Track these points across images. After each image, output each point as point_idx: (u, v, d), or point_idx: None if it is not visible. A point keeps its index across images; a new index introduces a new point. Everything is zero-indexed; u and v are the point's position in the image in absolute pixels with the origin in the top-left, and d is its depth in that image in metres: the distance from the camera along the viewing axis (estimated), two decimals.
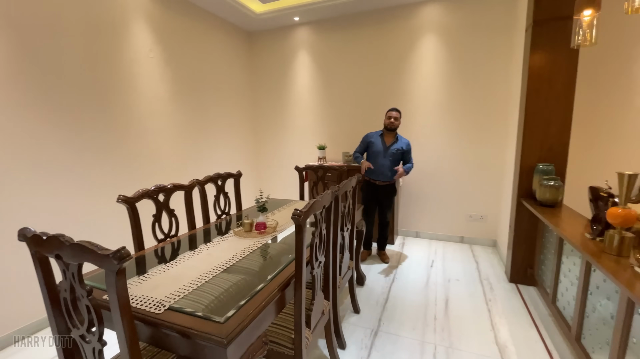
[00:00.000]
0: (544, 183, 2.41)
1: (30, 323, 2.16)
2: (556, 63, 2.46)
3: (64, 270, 0.98)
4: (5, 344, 2.04)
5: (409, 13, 3.66)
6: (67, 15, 2.32)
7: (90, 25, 2.48)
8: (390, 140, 3.02)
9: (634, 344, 1.31)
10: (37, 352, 2.01)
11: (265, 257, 1.65)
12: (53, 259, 0.99)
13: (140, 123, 2.93)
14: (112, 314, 0.91)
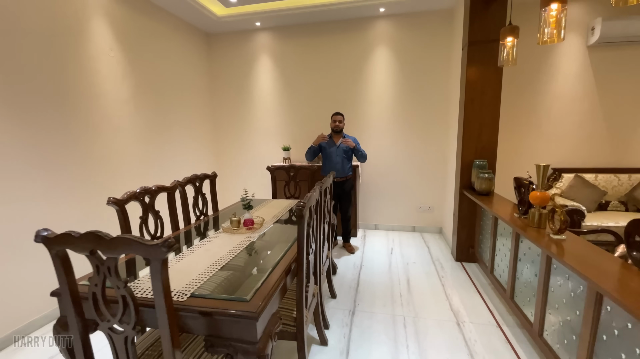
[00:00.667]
0: (480, 176, 2.92)
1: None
2: (486, 77, 3.00)
3: (97, 265, 1.05)
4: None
5: (364, 25, 4.03)
6: (27, 12, 2.17)
7: (50, 22, 2.34)
8: (339, 139, 3.39)
9: (552, 293, 1.76)
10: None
11: (261, 250, 1.80)
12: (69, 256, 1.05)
13: (101, 122, 2.80)
14: (156, 301, 1.02)
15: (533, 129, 3.75)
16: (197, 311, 1.17)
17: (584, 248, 1.65)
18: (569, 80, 3.63)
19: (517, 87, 3.68)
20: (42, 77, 2.30)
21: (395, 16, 3.94)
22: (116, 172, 2.95)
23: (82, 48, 2.62)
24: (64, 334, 1.34)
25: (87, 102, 2.66)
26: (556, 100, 3.67)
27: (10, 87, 2.11)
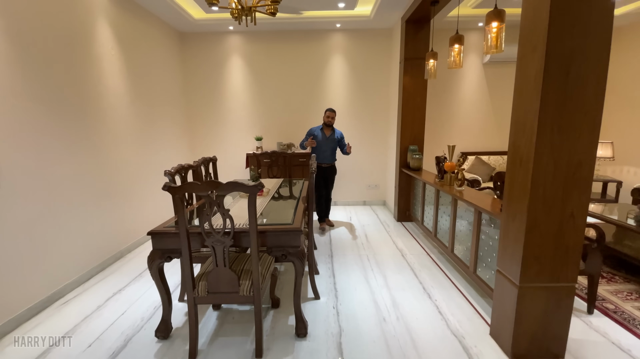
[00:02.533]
0: (413, 157, 4.04)
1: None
2: (417, 85, 4.11)
3: (210, 201, 1.74)
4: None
5: (323, 36, 4.89)
6: (48, 20, 2.53)
7: (65, 27, 2.69)
8: (329, 132, 3.99)
9: (458, 225, 2.87)
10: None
11: (278, 203, 2.56)
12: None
13: (106, 113, 3.18)
14: (250, 216, 1.75)
15: (448, 123, 5.07)
16: (267, 230, 1.93)
17: (474, 193, 2.78)
18: (471, 87, 5.00)
19: (437, 92, 4.94)
20: (60, 74, 2.67)
21: (349, 31, 4.88)
22: (118, 153, 3.35)
23: (90, 47, 2.98)
24: (158, 261, 1.97)
25: (95, 94, 3.03)
26: (462, 102, 5.02)
27: (37, 82, 2.47)
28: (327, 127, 4.00)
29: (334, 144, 4.05)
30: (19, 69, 2.25)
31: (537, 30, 1.55)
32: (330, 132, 4.02)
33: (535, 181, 1.61)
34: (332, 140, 4.03)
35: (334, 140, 4.03)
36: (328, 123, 3.96)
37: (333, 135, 4.01)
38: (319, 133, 4.00)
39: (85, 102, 2.90)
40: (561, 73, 1.52)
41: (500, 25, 2.16)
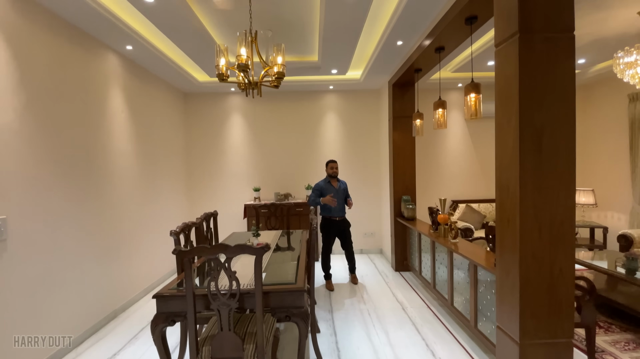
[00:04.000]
0: (407, 207, 4.19)
1: None
2: (406, 140, 4.41)
3: (217, 264, 1.80)
4: None
5: (318, 96, 5.30)
6: (70, 86, 2.76)
7: (84, 92, 2.93)
8: (336, 183, 3.93)
9: (455, 276, 2.93)
10: None
11: (279, 258, 2.61)
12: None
13: (113, 170, 3.31)
14: (255, 278, 1.80)
15: (437, 173, 5.33)
16: (270, 291, 1.96)
17: (468, 245, 2.89)
18: (456, 140, 5.36)
19: (425, 145, 5.26)
20: (73, 135, 2.84)
21: (341, 91, 5.31)
22: (122, 211, 3.41)
23: (103, 111, 3.20)
24: (162, 326, 1.96)
25: (103, 154, 3.18)
26: (449, 153, 5.34)
27: (51, 142, 2.62)
28: (332, 178, 3.94)
29: (343, 195, 3.97)
30: (35, 130, 2.40)
31: (510, 103, 1.79)
32: (337, 183, 3.96)
33: (523, 239, 1.74)
34: (342, 191, 3.95)
35: (343, 191, 3.96)
36: (333, 174, 3.92)
37: (340, 186, 3.97)
38: (328, 186, 3.91)
39: (93, 161, 3.04)
40: (535, 143, 1.73)
41: (477, 96, 2.45)
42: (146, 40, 3.28)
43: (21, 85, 2.28)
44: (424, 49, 3.19)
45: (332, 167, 3.93)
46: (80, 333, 2.76)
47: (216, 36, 3.46)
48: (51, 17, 2.56)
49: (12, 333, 2.15)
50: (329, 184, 3.94)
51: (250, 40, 2.42)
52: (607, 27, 3.26)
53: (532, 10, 1.71)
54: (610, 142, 4.87)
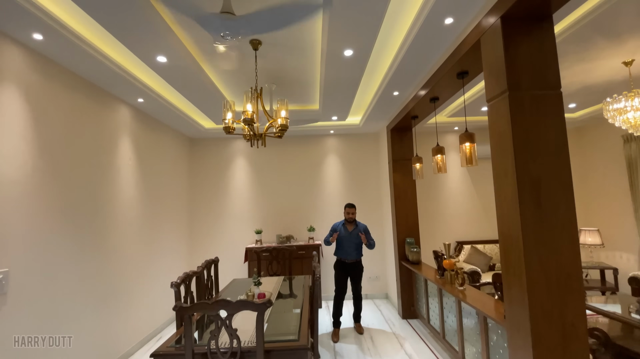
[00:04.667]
0: (412, 250, 4.13)
1: None
2: (406, 183, 4.47)
3: (218, 321, 1.76)
4: None
5: (320, 140, 5.46)
6: (82, 138, 2.89)
7: (95, 143, 3.05)
8: (352, 227, 3.84)
9: (465, 326, 2.82)
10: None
11: (281, 309, 2.53)
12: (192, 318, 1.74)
13: (117, 217, 3.33)
14: (257, 334, 1.75)
15: (439, 214, 5.32)
16: (272, 349, 1.89)
17: (475, 293, 2.80)
18: (456, 180, 5.41)
19: (426, 187, 5.31)
20: (80, 181, 2.90)
21: (341, 135, 5.49)
22: (122, 259, 3.38)
23: (112, 158, 3.30)
24: None
25: (107, 199, 3.23)
26: (450, 194, 5.37)
27: (58, 187, 2.68)
28: (348, 222, 3.90)
29: (358, 239, 3.85)
30: (44, 183, 2.47)
31: (506, 156, 1.85)
32: (353, 226, 3.88)
33: (531, 293, 1.71)
34: (356, 236, 3.85)
35: (357, 235, 3.85)
36: (349, 220, 3.87)
37: (356, 230, 3.86)
38: (341, 228, 3.88)
39: (98, 208, 3.07)
40: (533, 195, 1.76)
41: (471, 145, 2.53)
42: (156, 93, 3.48)
43: (35, 140, 2.39)
44: (420, 99, 3.35)
45: (348, 212, 3.87)
46: None
47: (223, 89, 3.67)
48: (69, 75, 2.75)
49: None
50: (343, 226, 3.91)
51: (256, 96, 2.57)
52: (594, 76, 3.44)
53: (519, 70, 1.83)
54: (610, 180, 4.91)
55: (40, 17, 2.02)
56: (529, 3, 1.73)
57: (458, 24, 2.21)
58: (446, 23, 2.19)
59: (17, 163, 2.24)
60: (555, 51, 1.85)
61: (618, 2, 2.17)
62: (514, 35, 1.85)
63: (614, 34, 2.59)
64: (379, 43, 2.70)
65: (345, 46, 2.57)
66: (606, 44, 2.74)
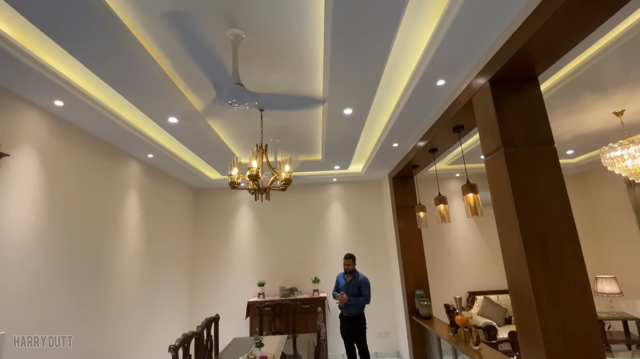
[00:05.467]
0: (422, 304, 3.94)
1: None
2: (412, 231, 4.41)
3: None
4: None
5: (323, 188, 5.53)
6: (91, 191, 2.96)
7: (104, 196, 3.12)
8: (350, 278, 3.82)
9: None
10: None
11: None
12: None
13: (120, 270, 3.27)
14: None
15: (448, 263, 5.16)
16: None
17: (492, 355, 2.62)
18: (462, 228, 5.33)
19: (432, 235, 5.23)
20: (84, 237, 2.91)
21: (344, 183, 5.56)
22: (120, 316, 3.25)
23: (118, 213, 3.35)
24: None
25: (110, 254, 3.20)
26: (457, 242, 5.26)
27: (60, 244, 2.67)
28: (347, 273, 3.85)
29: (355, 290, 3.76)
30: (49, 242, 2.48)
31: (508, 210, 1.85)
32: (351, 277, 3.82)
33: (549, 355, 1.60)
34: (353, 287, 3.77)
35: (356, 287, 3.76)
36: (346, 271, 3.84)
37: (355, 282, 3.79)
38: (341, 279, 3.86)
39: (100, 263, 3.04)
40: (540, 250, 1.73)
41: (474, 195, 2.55)
42: (166, 148, 3.63)
43: (46, 200, 2.46)
44: (419, 150, 3.45)
45: (345, 263, 3.85)
46: None
47: (230, 143, 3.82)
48: (84, 135, 2.90)
49: None
50: (342, 278, 3.91)
51: (261, 153, 2.67)
52: (587, 125, 3.56)
53: (512, 127, 1.92)
54: (619, 224, 4.81)
55: (62, 86, 2.20)
56: (515, 68, 1.87)
57: (450, 85, 2.36)
58: (438, 84, 2.35)
59: (24, 225, 2.28)
60: (544, 109, 1.94)
61: (600, 61, 2.32)
62: (503, 95, 1.96)
63: (600, 88, 2.73)
64: (377, 100, 2.86)
65: (345, 106, 2.73)
66: (594, 97, 2.88)
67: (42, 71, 2.03)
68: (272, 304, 3.84)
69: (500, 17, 1.71)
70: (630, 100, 2.96)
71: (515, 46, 1.73)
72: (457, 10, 1.66)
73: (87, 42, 1.80)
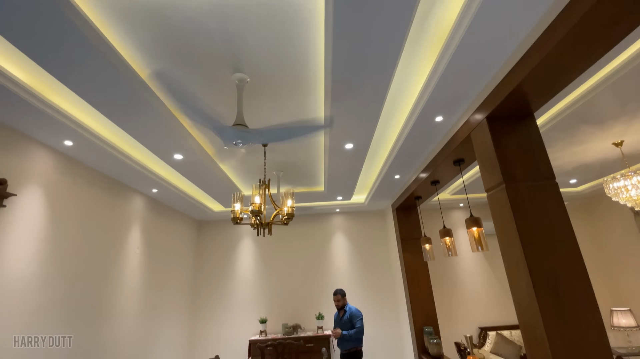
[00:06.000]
0: (431, 342, 3.76)
1: None
2: (418, 265, 4.31)
3: None
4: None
5: (326, 218, 5.49)
6: (98, 227, 2.96)
7: (107, 234, 3.11)
8: (342, 313, 3.76)
9: None
10: None
11: None
12: None
13: (120, 305, 3.18)
14: None
15: (457, 298, 4.98)
16: None
17: None
18: (468, 260, 5.21)
19: (438, 268, 5.11)
20: (86, 270, 2.87)
21: (347, 213, 5.53)
22: (126, 350, 3.13)
23: (120, 248, 3.32)
24: None
25: (111, 289, 3.14)
26: (465, 275, 5.12)
27: (68, 286, 2.63)
28: (338, 309, 3.80)
29: (347, 325, 3.68)
30: (51, 270, 2.44)
31: (514, 247, 1.82)
32: (343, 313, 3.75)
33: None
34: (345, 323, 3.70)
35: (348, 322, 3.68)
36: (336, 307, 3.79)
37: (345, 316, 3.72)
38: (336, 317, 3.80)
39: (100, 299, 2.98)
40: (550, 290, 1.68)
41: (479, 229, 2.52)
42: (170, 183, 3.67)
43: (50, 237, 2.47)
44: (421, 181, 3.46)
45: (334, 299, 3.79)
46: None
47: (234, 177, 3.87)
48: (90, 172, 2.96)
49: None
50: (337, 315, 3.84)
51: (263, 188, 2.69)
52: (587, 156, 3.58)
53: (511, 163, 1.93)
54: (630, 254, 4.67)
55: (73, 127, 2.28)
56: (510, 106, 1.92)
57: (448, 121, 2.42)
58: (437, 120, 2.40)
59: (27, 264, 2.27)
60: (542, 144, 1.97)
61: (595, 96, 2.37)
62: (500, 132, 2.00)
63: (597, 121, 2.78)
64: (377, 135, 2.92)
65: (346, 142, 2.78)
66: (592, 129, 2.92)
67: (56, 114, 2.11)
68: (274, 343, 3.68)
69: (493, 59, 1.79)
70: (629, 131, 3.00)
71: (510, 86, 1.79)
72: (450, 53, 1.74)
73: (98, 87, 1.89)
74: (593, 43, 1.46)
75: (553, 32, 1.47)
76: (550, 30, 1.48)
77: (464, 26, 1.58)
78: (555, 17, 1.45)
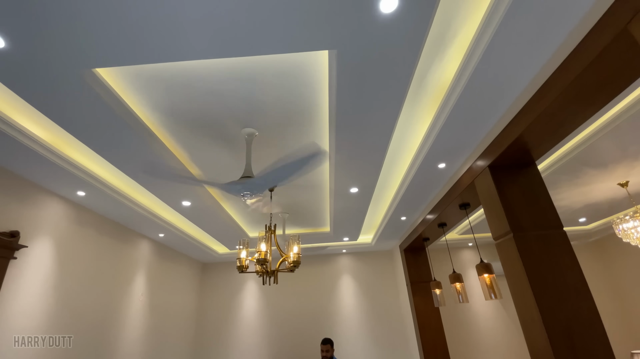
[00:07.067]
0: None
1: None
2: (429, 309, 4.15)
3: None
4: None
5: (332, 259, 5.40)
6: (104, 271, 2.94)
7: (113, 278, 3.08)
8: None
9: None
10: None
11: None
12: None
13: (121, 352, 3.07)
14: None
15: (472, 346, 4.71)
16: None
17: None
18: (483, 305, 4.99)
19: (452, 314, 4.89)
20: (91, 321, 2.80)
21: (353, 253, 5.44)
22: None
23: (124, 297, 3.27)
24: None
25: (114, 337, 3.04)
26: (480, 320, 4.87)
27: (72, 332, 2.56)
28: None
29: None
30: (54, 321, 2.38)
31: (527, 301, 1.76)
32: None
33: None
34: None
35: None
36: (324, 358, 3.59)
37: None
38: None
39: (103, 349, 2.87)
40: (566, 342, 1.60)
41: (490, 275, 2.46)
42: (176, 227, 3.70)
43: (58, 287, 2.46)
44: (428, 223, 3.44)
45: (322, 349, 3.59)
46: None
47: (239, 220, 3.89)
48: (99, 220, 3.01)
49: None
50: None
51: (269, 235, 2.70)
52: (593, 196, 3.56)
53: (517, 211, 1.94)
54: None
55: (86, 179, 2.36)
56: (512, 155, 1.97)
57: (451, 168, 2.47)
58: (440, 167, 2.45)
59: (33, 316, 2.24)
60: (546, 192, 1.98)
61: (596, 141, 2.41)
62: (503, 180, 2.03)
63: (600, 164, 2.80)
64: (382, 179, 2.96)
65: (351, 185, 2.82)
66: (596, 172, 2.94)
67: (72, 168, 2.20)
68: None
69: (493, 111, 1.86)
70: (633, 172, 3.01)
71: (510, 137, 1.85)
72: (450, 106, 1.82)
73: (113, 143, 1.99)
74: (591, 98, 1.52)
75: (550, 88, 1.53)
76: (548, 86, 1.55)
77: (462, 83, 1.66)
78: (552, 73, 1.50)
